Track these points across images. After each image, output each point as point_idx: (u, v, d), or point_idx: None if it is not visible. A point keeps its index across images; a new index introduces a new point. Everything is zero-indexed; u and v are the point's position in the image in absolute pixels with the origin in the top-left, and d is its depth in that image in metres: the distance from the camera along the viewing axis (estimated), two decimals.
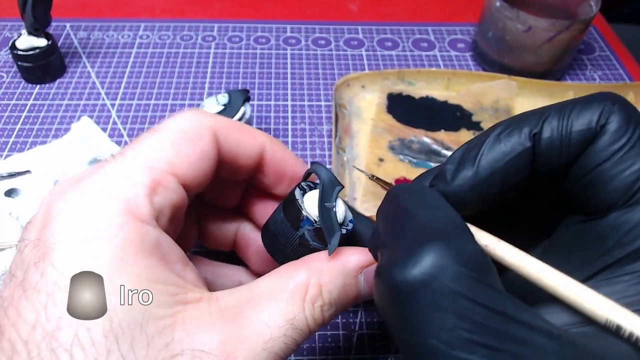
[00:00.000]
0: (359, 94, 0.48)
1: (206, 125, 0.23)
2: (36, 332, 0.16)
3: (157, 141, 0.22)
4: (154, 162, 0.21)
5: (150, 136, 0.22)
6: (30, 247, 0.18)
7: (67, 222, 0.19)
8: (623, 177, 0.18)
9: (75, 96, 0.49)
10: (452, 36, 0.59)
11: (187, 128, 0.23)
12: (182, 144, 0.22)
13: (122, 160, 0.21)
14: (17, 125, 0.46)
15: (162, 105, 0.48)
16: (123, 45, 0.55)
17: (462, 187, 0.20)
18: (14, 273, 0.18)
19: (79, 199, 0.19)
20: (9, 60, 0.52)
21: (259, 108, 0.49)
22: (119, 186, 0.20)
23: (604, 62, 0.56)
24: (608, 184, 0.18)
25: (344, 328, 0.33)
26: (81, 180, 0.20)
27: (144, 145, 0.21)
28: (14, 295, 0.17)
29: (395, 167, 0.42)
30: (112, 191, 0.19)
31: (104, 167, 0.21)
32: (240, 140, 0.25)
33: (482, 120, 0.47)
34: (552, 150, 0.19)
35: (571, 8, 0.52)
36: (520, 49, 0.50)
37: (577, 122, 0.19)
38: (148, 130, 0.23)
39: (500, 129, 0.20)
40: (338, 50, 0.56)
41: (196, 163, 0.22)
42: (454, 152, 0.21)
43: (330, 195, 0.24)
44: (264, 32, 0.58)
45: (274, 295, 0.21)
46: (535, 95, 0.49)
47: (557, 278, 0.17)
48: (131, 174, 0.20)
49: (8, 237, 0.36)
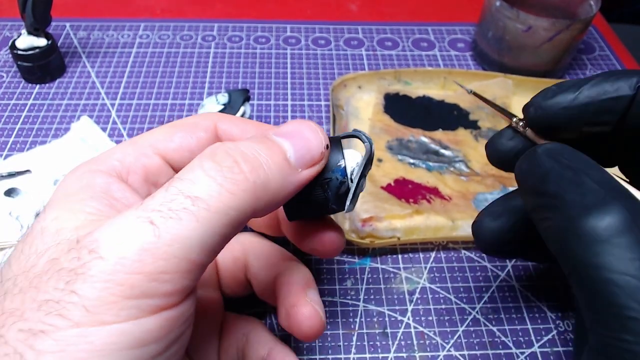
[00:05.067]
0: (355, 95, 0.48)
1: (206, 117, 0.25)
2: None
3: (156, 129, 0.25)
4: (138, 139, 0.24)
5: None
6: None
7: (59, 184, 0.22)
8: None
9: (75, 96, 0.49)
10: (452, 36, 0.59)
11: (187, 119, 0.25)
12: (173, 127, 0.24)
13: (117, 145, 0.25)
14: (17, 125, 0.46)
15: (162, 105, 0.48)
16: (123, 45, 0.55)
17: (558, 104, 0.23)
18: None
19: (75, 168, 0.23)
20: (9, 60, 0.52)
21: (258, 108, 0.49)
22: (102, 157, 0.23)
23: (604, 62, 0.56)
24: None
25: (343, 327, 0.33)
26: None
27: (145, 132, 0.25)
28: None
29: (394, 167, 0.42)
30: (94, 160, 0.23)
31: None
32: (245, 129, 0.25)
33: (479, 119, 0.47)
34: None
35: (571, 8, 0.52)
36: (520, 49, 0.50)
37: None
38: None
39: (611, 72, 0.22)
40: (338, 50, 0.56)
41: (180, 140, 0.24)
42: (565, 80, 0.24)
43: (367, 167, 0.24)
44: (264, 32, 0.58)
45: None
46: (532, 94, 0.48)
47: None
48: (117, 149, 0.23)
49: (8, 237, 0.36)
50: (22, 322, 0.16)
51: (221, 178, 0.19)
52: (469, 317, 0.34)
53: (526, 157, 0.22)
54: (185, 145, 0.24)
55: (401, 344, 0.33)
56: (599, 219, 0.18)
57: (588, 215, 0.18)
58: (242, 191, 0.19)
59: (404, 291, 0.36)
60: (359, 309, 0.34)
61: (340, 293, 0.35)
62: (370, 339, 0.33)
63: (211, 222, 0.18)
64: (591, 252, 0.18)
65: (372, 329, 0.33)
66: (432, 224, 0.38)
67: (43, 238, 0.19)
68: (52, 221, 0.19)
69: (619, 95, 0.22)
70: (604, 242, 0.18)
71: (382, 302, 0.35)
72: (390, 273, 0.37)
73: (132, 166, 0.23)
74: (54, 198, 0.21)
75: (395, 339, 0.33)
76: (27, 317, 0.16)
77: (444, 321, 0.34)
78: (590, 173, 0.20)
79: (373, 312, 0.34)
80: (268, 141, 0.21)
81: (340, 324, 0.33)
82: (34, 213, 0.38)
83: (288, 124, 0.23)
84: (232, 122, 0.25)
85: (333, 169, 0.23)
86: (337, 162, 0.23)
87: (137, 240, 0.17)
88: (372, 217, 0.37)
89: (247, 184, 0.19)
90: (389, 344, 0.33)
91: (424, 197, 0.40)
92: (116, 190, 0.21)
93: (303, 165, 0.22)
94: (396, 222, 0.37)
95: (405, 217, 0.38)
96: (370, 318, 0.34)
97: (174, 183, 0.19)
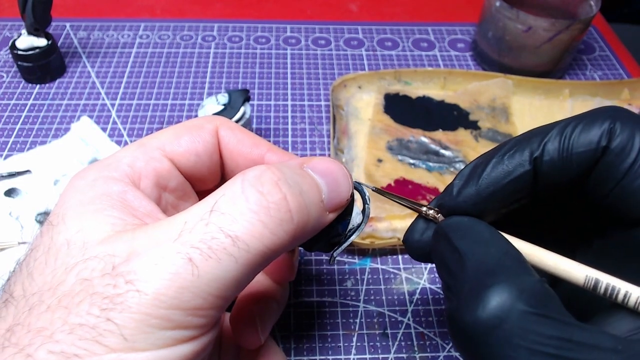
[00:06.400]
0: (355, 95, 0.48)
1: (210, 119, 0.25)
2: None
3: (161, 131, 0.25)
4: (146, 141, 0.24)
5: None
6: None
7: (68, 189, 0.22)
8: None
9: (75, 96, 0.49)
10: (452, 36, 0.59)
11: (192, 122, 0.25)
12: (180, 130, 0.24)
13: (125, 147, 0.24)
14: (17, 125, 0.46)
15: (162, 105, 0.48)
16: (123, 45, 0.55)
17: (466, 202, 0.21)
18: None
19: (83, 173, 0.22)
20: (9, 60, 0.52)
21: (259, 108, 0.49)
22: (111, 162, 0.23)
23: (603, 62, 0.56)
24: (635, 197, 0.19)
25: (344, 328, 0.33)
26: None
27: (151, 134, 0.25)
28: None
29: (394, 167, 0.42)
30: (104, 164, 0.23)
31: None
32: (242, 140, 0.25)
33: (479, 119, 0.47)
34: (553, 171, 0.20)
35: (571, 8, 0.52)
36: (520, 49, 0.50)
37: (578, 143, 0.20)
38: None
39: (506, 149, 0.21)
40: (338, 50, 0.56)
41: (188, 144, 0.24)
42: (464, 167, 0.22)
43: (366, 214, 0.24)
44: (264, 32, 0.58)
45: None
46: (532, 94, 0.49)
47: (616, 282, 0.18)
48: (125, 152, 0.23)
49: (8, 237, 0.36)
50: (52, 344, 0.16)
51: (266, 217, 0.18)
52: None
53: (433, 235, 0.22)
54: (193, 149, 0.24)
55: (401, 345, 0.33)
56: (476, 311, 0.17)
57: (466, 308, 0.17)
58: (285, 232, 0.19)
59: (404, 292, 0.36)
60: (359, 309, 0.34)
61: (341, 294, 0.35)
62: (371, 340, 0.33)
63: (249, 262, 0.18)
64: (475, 351, 0.17)
65: (372, 329, 0.33)
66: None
67: (69, 251, 0.18)
68: (77, 233, 0.19)
69: (518, 174, 0.20)
70: (483, 336, 0.17)
71: (382, 302, 0.35)
72: (391, 274, 0.37)
73: (144, 171, 0.23)
74: (69, 205, 0.20)
75: (395, 339, 0.33)
76: (58, 339, 0.16)
77: (444, 321, 0.34)
78: (475, 251, 0.19)
79: (373, 313, 0.34)
80: (307, 176, 0.21)
81: (340, 325, 0.33)
82: (34, 213, 0.38)
83: (320, 161, 0.22)
84: (231, 131, 0.25)
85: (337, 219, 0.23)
86: (351, 208, 0.23)
87: (177, 278, 0.17)
88: (372, 218, 0.37)
89: (291, 225, 0.19)
90: (389, 344, 0.33)
91: (424, 197, 0.40)
92: (132, 198, 0.21)
93: (331, 208, 0.21)
94: (396, 223, 0.37)
95: (405, 217, 0.38)
96: (370, 319, 0.34)
97: (214, 218, 0.18)
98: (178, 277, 0.17)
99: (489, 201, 0.21)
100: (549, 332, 0.16)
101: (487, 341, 0.17)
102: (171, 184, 0.24)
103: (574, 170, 0.20)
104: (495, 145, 0.44)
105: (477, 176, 0.21)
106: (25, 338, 0.17)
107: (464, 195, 0.21)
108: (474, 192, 0.21)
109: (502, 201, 0.21)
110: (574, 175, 0.20)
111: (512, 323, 0.16)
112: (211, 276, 0.17)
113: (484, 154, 0.22)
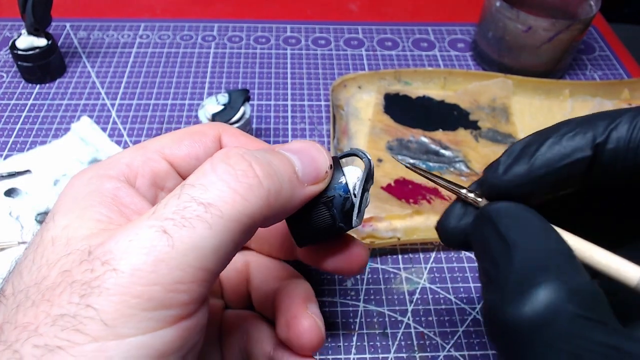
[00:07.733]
0: (355, 95, 0.48)
1: (213, 126, 0.25)
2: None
3: (163, 135, 0.25)
4: (147, 144, 0.24)
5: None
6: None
7: (66, 188, 0.22)
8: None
9: (75, 96, 0.49)
10: (452, 36, 0.59)
11: (194, 127, 0.25)
12: (181, 135, 0.24)
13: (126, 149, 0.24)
14: (17, 125, 0.46)
15: (162, 105, 0.48)
16: (123, 45, 0.55)
17: (512, 182, 0.19)
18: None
19: (82, 173, 0.22)
20: (9, 60, 0.52)
21: (258, 108, 0.49)
22: (110, 162, 0.23)
23: (603, 62, 0.56)
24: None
25: (343, 328, 0.33)
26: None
27: (153, 138, 0.25)
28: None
29: (394, 167, 0.42)
30: (103, 164, 0.23)
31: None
32: (246, 145, 0.25)
33: (479, 119, 0.47)
34: (615, 161, 0.18)
35: (571, 8, 0.52)
36: (520, 49, 0.50)
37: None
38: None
39: (566, 129, 0.19)
40: (338, 50, 0.56)
41: (188, 148, 0.24)
42: (514, 143, 0.20)
43: (369, 182, 0.24)
44: (264, 32, 0.58)
45: None
46: (532, 94, 0.49)
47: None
48: (125, 153, 0.23)
49: (8, 237, 0.36)
50: (36, 338, 0.16)
51: (235, 183, 0.18)
52: (469, 317, 0.34)
53: (474, 220, 0.21)
54: (193, 153, 0.24)
55: (401, 345, 0.33)
56: (521, 307, 0.16)
57: (510, 302, 0.16)
58: (256, 197, 0.19)
59: (404, 291, 0.36)
60: (359, 309, 0.34)
61: (340, 293, 0.35)
62: (371, 340, 0.33)
63: (224, 229, 0.18)
64: (514, 349, 0.16)
65: (372, 329, 0.33)
66: (432, 224, 0.38)
67: (54, 248, 0.18)
68: (63, 230, 0.19)
69: (576, 159, 0.19)
70: (526, 335, 0.16)
71: (382, 302, 0.35)
72: (391, 273, 0.37)
73: (140, 169, 0.23)
74: (61, 203, 0.21)
75: (395, 339, 0.33)
76: (42, 332, 0.16)
77: (444, 321, 0.34)
78: (524, 243, 0.17)
79: (373, 313, 0.34)
80: (278, 153, 0.21)
81: (340, 325, 0.33)
82: (34, 213, 0.38)
83: (294, 142, 0.23)
84: (235, 137, 0.25)
85: (335, 187, 0.23)
86: (338, 179, 0.24)
87: (152, 251, 0.17)
88: (372, 218, 0.37)
89: (261, 190, 0.19)
90: (389, 344, 0.33)
91: (424, 197, 0.40)
92: (125, 195, 0.21)
93: (309, 181, 0.22)
94: (396, 223, 0.37)
95: (405, 217, 0.38)
96: (370, 318, 0.34)
97: (185, 189, 0.18)
98: (154, 250, 0.17)
99: (538, 184, 0.19)
100: (598, 339, 0.15)
101: (529, 340, 0.16)
102: (169, 184, 0.24)
103: (639, 165, 0.18)
104: (495, 145, 0.45)
105: (530, 155, 0.19)
106: (13, 334, 0.16)
107: (512, 174, 0.19)
108: (523, 171, 0.19)
109: (552, 186, 0.19)
110: (637, 169, 0.18)
111: (559, 325, 0.15)
112: (187, 245, 0.17)
113: (538, 131, 0.20)
